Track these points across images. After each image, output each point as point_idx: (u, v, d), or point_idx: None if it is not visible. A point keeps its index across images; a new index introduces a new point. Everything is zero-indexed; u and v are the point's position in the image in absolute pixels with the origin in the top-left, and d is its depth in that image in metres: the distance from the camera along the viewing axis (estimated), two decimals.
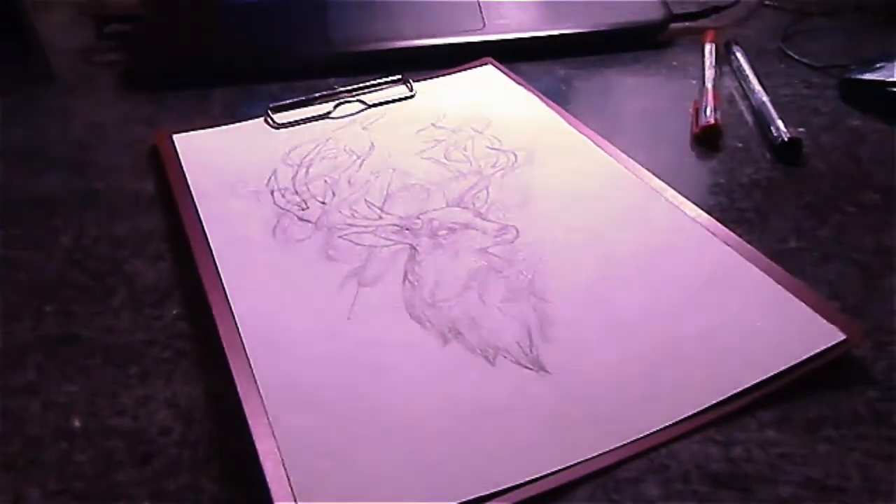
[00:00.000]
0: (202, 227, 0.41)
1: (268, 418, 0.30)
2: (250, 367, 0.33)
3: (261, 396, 0.31)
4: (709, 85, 0.51)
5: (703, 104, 0.49)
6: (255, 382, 0.32)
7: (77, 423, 0.32)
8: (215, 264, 0.38)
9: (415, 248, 0.39)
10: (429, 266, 0.38)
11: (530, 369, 0.32)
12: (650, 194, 0.42)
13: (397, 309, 0.36)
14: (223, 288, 0.37)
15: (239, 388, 0.32)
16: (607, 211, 0.41)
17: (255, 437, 0.29)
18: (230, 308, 0.36)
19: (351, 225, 0.41)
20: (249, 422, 0.30)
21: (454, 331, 0.34)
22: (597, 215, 0.41)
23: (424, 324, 0.35)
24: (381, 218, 0.42)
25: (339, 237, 0.40)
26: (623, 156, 0.46)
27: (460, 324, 0.35)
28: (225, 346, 0.34)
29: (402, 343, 0.34)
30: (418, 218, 0.42)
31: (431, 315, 0.35)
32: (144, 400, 0.33)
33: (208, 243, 0.40)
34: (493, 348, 0.33)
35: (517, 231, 0.40)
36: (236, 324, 0.35)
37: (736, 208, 0.42)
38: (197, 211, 0.42)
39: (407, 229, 0.41)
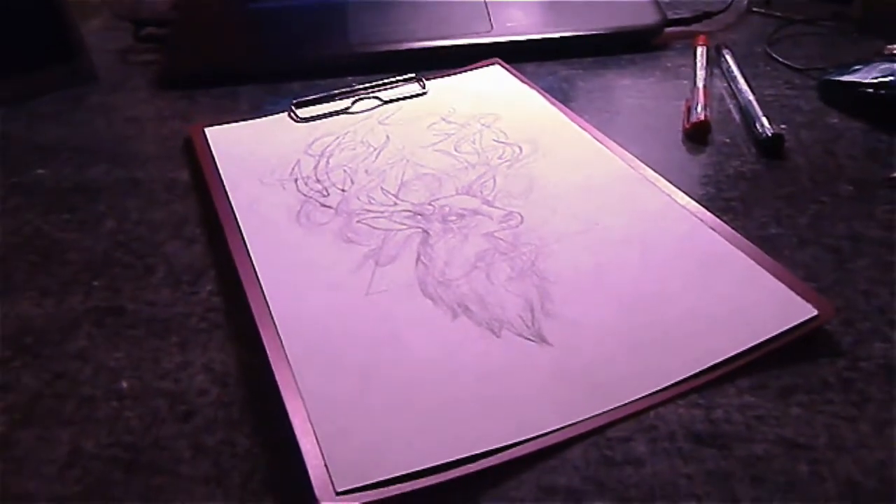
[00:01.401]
0: (233, 212, 0.43)
1: (295, 382, 0.32)
2: (279, 337, 0.34)
3: (289, 363, 0.33)
4: (700, 85, 0.53)
5: (694, 102, 0.50)
6: (284, 351, 0.34)
7: (125, 385, 0.33)
8: (246, 246, 0.40)
9: (427, 232, 0.41)
10: (440, 248, 0.40)
11: (532, 341, 0.34)
12: (644, 184, 0.44)
13: (411, 287, 0.37)
14: (253, 267, 0.38)
15: (269, 356, 0.33)
16: (605, 199, 0.43)
17: (284, 398, 0.31)
18: (260, 285, 0.37)
19: (368, 211, 0.43)
20: (279, 384, 0.32)
21: (463, 306, 0.36)
22: (595, 203, 0.42)
23: (436, 300, 0.36)
24: (395, 204, 0.43)
25: (358, 222, 0.42)
26: (619, 149, 0.47)
27: (468, 300, 0.36)
28: (256, 318, 0.35)
29: (416, 317, 0.35)
30: (430, 204, 0.43)
31: (442, 292, 0.37)
32: (184, 365, 0.34)
33: (239, 227, 0.42)
34: (498, 322, 0.35)
35: (521, 217, 0.42)
36: (266, 299, 0.36)
37: (722, 198, 0.43)
38: (228, 198, 0.44)
39: (420, 215, 0.42)
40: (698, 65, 0.55)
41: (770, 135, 0.47)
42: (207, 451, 0.30)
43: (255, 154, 0.48)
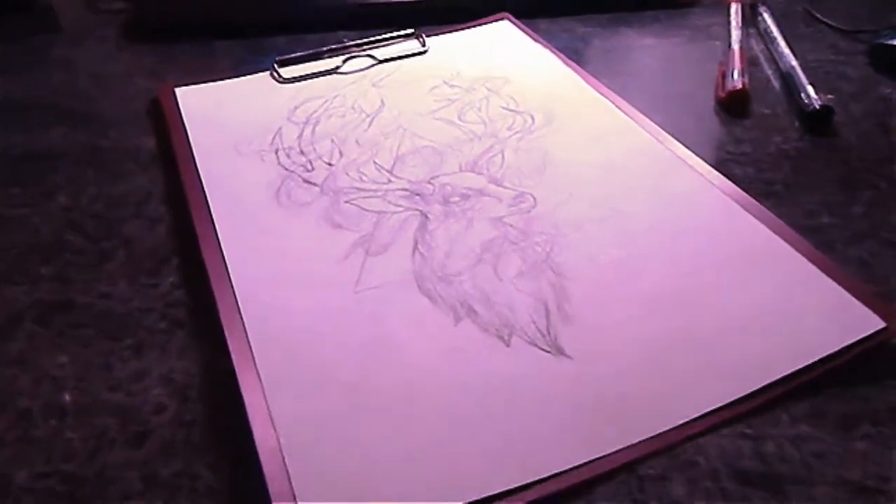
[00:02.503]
0: (203, 188, 0.37)
1: (266, 402, 0.27)
2: (249, 345, 0.29)
3: (259, 377, 0.28)
4: (735, 47, 0.46)
5: (730, 67, 0.44)
6: (254, 362, 0.28)
7: (68, 398, 0.28)
8: (215, 230, 0.34)
9: (426, 216, 0.35)
10: (440, 235, 0.34)
11: (548, 352, 0.29)
12: (674, 163, 0.38)
13: (406, 282, 0.32)
14: (222, 256, 0.33)
15: (236, 368, 0.28)
16: (630, 180, 0.37)
17: (252, 424, 0.26)
18: (229, 278, 0.32)
19: (358, 189, 0.37)
20: (247, 405, 0.27)
21: (466, 307, 0.31)
22: (619, 184, 0.37)
23: (435, 299, 0.31)
24: (390, 182, 0.38)
25: (346, 202, 0.36)
26: (646, 120, 0.41)
27: (473, 299, 0.31)
28: (223, 321, 0.30)
29: (412, 320, 0.30)
30: (430, 182, 0.37)
31: (442, 289, 0.31)
32: (139, 374, 0.29)
33: (208, 207, 0.36)
34: (507, 327, 0.30)
35: (534, 199, 0.36)
36: (235, 296, 0.31)
37: (763, 179, 0.38)
38: (198, 171, 0.38)
39: (417, 195, 0.37)
40: (732, 24, 0.49)
41: (818, 107, 0.41)
42: (162, 485, 0.25)
43: (231, 120, 0.43)
